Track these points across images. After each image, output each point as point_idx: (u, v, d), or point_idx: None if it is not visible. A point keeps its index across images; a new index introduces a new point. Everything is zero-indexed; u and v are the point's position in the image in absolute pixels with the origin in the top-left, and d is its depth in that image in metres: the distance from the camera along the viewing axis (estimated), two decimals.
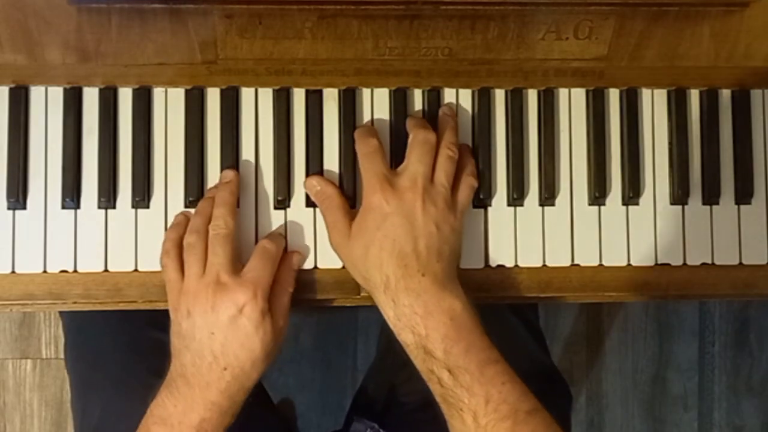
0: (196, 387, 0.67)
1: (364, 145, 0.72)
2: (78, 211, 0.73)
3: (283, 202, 0.74)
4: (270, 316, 0.69)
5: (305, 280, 0.74)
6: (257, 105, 0.74)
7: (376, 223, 0.69)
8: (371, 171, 0.71)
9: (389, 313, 0.68)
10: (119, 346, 0.83)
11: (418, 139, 0.71)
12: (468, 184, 0.73)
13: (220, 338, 0.67)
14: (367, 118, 0.75)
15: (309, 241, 0.74)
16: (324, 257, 0.74)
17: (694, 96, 0.77)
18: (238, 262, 0.70)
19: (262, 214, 0.74)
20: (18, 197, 0.72)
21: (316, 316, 1.45)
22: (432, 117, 0.75)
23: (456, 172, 0.72)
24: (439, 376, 0.66)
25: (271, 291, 0.70)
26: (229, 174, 0.73)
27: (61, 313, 0.92)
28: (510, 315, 0.89)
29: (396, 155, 0.74)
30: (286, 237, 0.74)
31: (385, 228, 0.68)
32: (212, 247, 0.69)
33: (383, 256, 0.68)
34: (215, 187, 0.73)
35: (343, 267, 0.73)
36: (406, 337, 0.68)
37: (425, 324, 0.67)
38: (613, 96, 0.77)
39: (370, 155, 0.71)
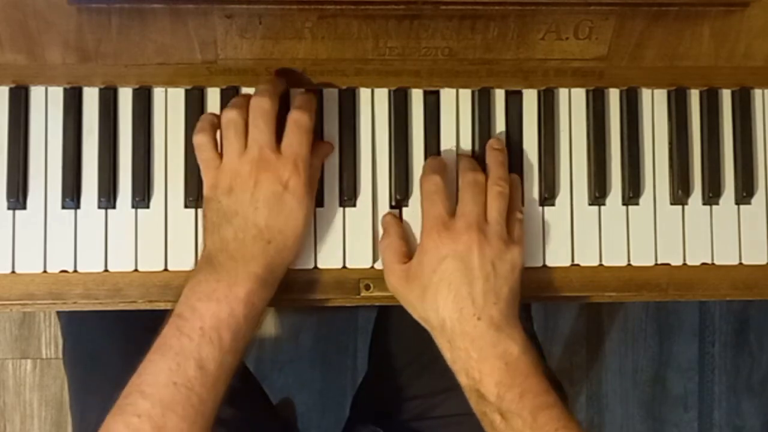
0: (240, 260, 0.67)
1: (427, 183, 0.72)
2: (78, 211, 0.73)
3: None
4: (309, 193, 0.69)
5: (305, 280, 0.74)
6: None
7: (431, 266, 0.68)
8: (429, 213, 0.70)
9: (446, 355, 0.69)
10: (118, 349, 0.83)
11: (467, 180, 0.71)
12: (517, 218, 0.72)
13: (264, 212, 0.67)
14: (367, 118, 0.75)
15: (309, 241, 0.74)
16: (324, 257, 0.74)
17: (694, 96, 0.77)
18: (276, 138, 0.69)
19: None
20: (18, 197, 0.72)
21: (316, 316, 1.45)
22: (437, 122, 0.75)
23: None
24: (492, 419, 0.66)
25: None
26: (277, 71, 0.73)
27: (59, 315, 0.91)
28: None
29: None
30: None
31: (440, 272, 0.68)
32: (254, 120, 0.68)
33: (439, 301, 0.68)
34: None
35: (344, 267, 0.74)
36: (461, 378, 0.68)
37: (479, 368, 0.66)
38: (613, 96, 0.77)
39: (431, 195, 0.71)
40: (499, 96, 0.76)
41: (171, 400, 0.64)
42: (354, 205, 0.74)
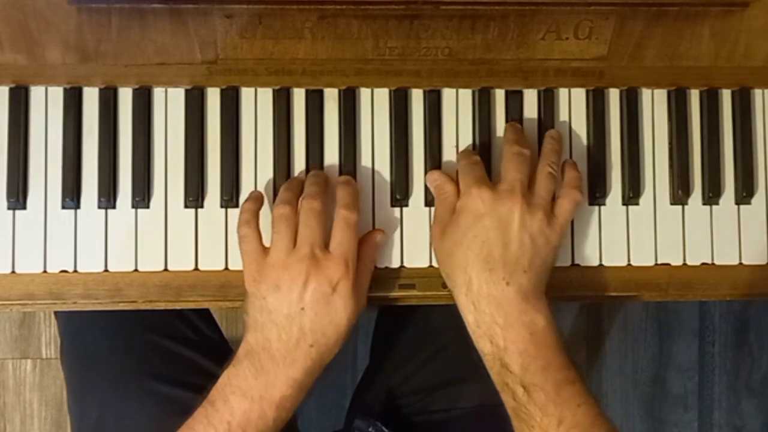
0: (281, 363, 0.66)
1: (467, 159, 0.72)
2: (78, 211, 0.73)
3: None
4: (356, 292, 0.68)
5: None
6: (257, 105, 0.74)
7: (468, 222, 0.68)
8: (470, 175, 0.70)
9: (469, 318, 0.67)
10: (115, 349, 0.83)
11: (512, 151, 0.71)
12: (571, 197, 0.71)
13: (310, 314, 0.66)
14: (367, 118, 0.75)
15: None
16: None
17: (694, 96, 0.77)
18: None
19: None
20: (18, 197, 0.72)
21: None
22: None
23: (560, 186, 0.72)
24: (514, 390, 0.65)
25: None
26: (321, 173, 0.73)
27: (56, 315, 0.91)
28: None
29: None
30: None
31: (476, 228, 0.67)
32: (306, 220, 0.68)
33: (469, 257, 0.67)
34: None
35: None
36: (483, 345, 0.67)
37: (504, 336, 0.65)
38: (613, 96, 0.77)
39: (470, 165, 0.71)
40: (499, 96, 0.76)
41: None
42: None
